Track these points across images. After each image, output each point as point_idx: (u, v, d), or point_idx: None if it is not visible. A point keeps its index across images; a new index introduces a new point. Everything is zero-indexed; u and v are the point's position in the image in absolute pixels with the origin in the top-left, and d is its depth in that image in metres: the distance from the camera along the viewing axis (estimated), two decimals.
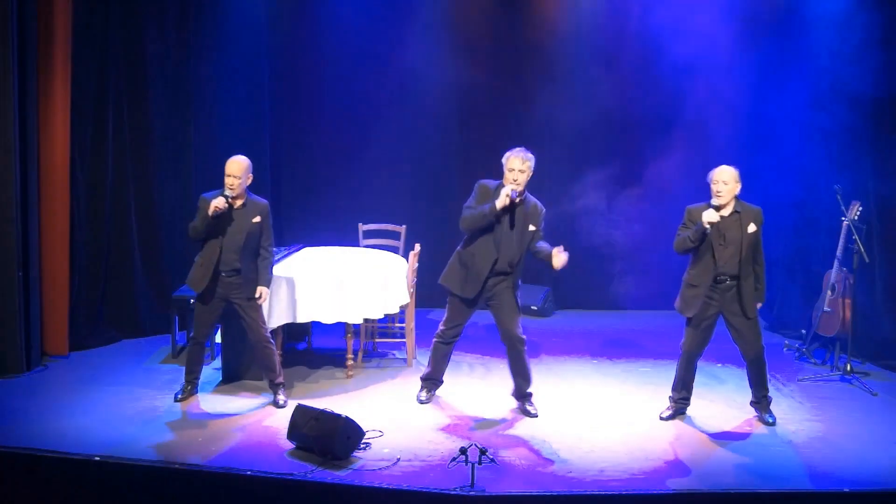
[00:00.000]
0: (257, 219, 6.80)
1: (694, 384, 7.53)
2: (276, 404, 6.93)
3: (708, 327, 6.62)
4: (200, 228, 6.72)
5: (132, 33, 8.38)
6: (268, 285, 6.92)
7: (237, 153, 6.79)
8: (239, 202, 6.76)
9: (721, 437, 6.53)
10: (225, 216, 6.70)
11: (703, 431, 6.62)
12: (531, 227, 6.66)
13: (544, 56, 9.33)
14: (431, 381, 7.09)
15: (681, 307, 6.65)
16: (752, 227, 6.46)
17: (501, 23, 9.34)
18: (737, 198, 6.47)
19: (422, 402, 7.00)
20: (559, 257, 6.49)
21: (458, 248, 6.82)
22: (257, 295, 6.85)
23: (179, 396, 6.98)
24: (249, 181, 6.79)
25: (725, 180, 6.40)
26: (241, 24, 8.90)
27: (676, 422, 6.77)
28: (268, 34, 9.12)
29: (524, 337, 6.79)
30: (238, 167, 6.69)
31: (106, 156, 8.30)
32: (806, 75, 8.54)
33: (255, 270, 6.85)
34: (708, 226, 6.34)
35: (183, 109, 8.74)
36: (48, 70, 7.61)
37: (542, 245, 6.68)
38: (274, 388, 7.01)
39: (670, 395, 6.88)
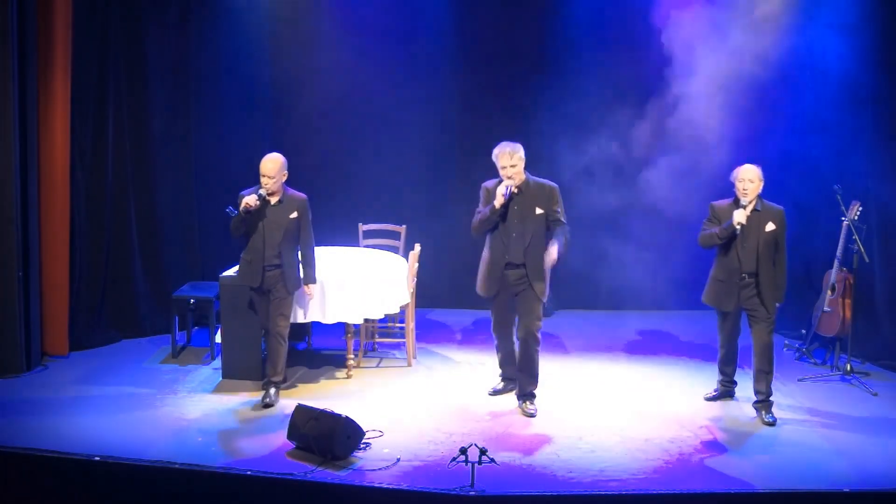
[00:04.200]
0: (294, 214, 6.85)
1: (693, 384, 7.55)
2: (263, 401, 6.89)
3: (737, 315, 6.82)
4: (238, 227, 6.78)
5: (132, 33, 8.38)
6: (313, 281, 6.99)
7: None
8: (275, 198, 6.81)
9: (721, 438, 6.52)
10: (261, 213, 6.76)
11: (702, 431, 6.60)
12: (538, 211, 6.65)
13: (545, 53, 9.29)
14: (508, 381, 7.16)
15: (713, 300, 6.82)
16: (770, 227, 6.59)
17: (501, 21, 9.32)
18: (759, 196, 6.61)
19: (491, 394, 7.14)
20: (548, 254, 6.53)
21: (482, 253, 6.88)
22: (306, 291, 6.96)
23: (267, 400, 6.90)
24: (285, 177, 6.83)
25: (751, 178, 6.57)
26: (241, 24, 8.90)
27: (676, 422, 6.76)
28: (268, 34, 9.12)
29: (539, 336, 6.79)
30: (272, 166, 6.74)
31: (106, 156, 8.30)
32: (808, 72, 8.53)
33: (295, 265, 6.91)
34: (738, 226, 6.48)
35: (183, 109, 8.75)
36: (48, 70, 7.61)
37: (555, 232, 6.65)
38: (268, 384, 6.99)
39: (718, 378, 7.08)
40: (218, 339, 7.69)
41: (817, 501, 5.71)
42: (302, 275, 7.00)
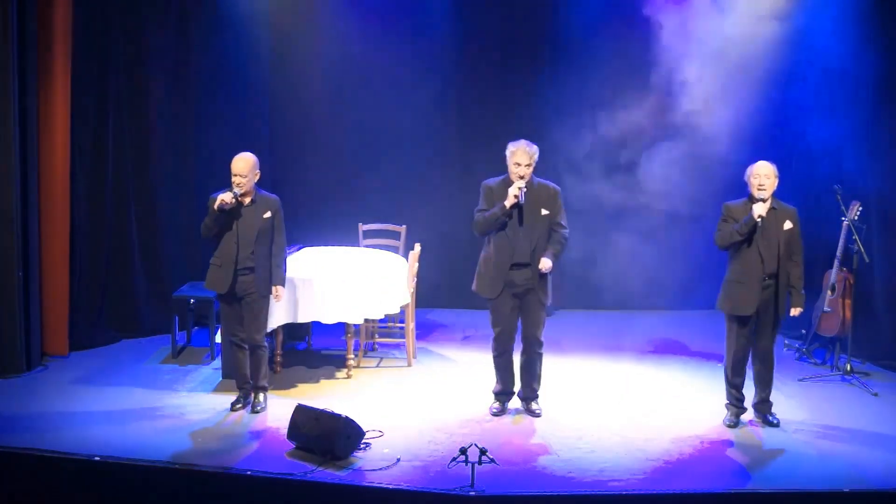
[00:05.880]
0: (267, 214, 6.75)
1: (693, 385, 7.55)
2: (253, 408, 6.85)
3: (754, 320, 6.56)
4: (210, 226, 6.66)
5: (132, 33, 8.38)
6: (283, 283, 6.86)
7: (238, 152, 6.76)
8: (247, 199, 6.70)
9: (721, 437, 6.53)
10: (234, 214, 6.65)
11: (703, 431, 6.61)
12: (544, 211, 6.60)
13: (543, 52, 9.28)
14: (504, 395, 6.96)
15: (731, 306, 6.54)
16: (787, 225, 6.48)
17: (498, 21, 9.31)
18: (772, 195, 6.46)
19: (494, 415, 6.85)
20: (542, 262, 6.53)
21: (482, 252, 6.78)
22: (273, 293, 6.81)
23: (236, 406, 6.86)
24: (257, 177, 6.72)
25: (767, 174, 6.42)
26: (241, 25, 8.89)
27: (676, 422, 6.76)
28: (268, 35, 9.11)
29: (542, 341, 6.76)
30: (244, 165, 6.63)
31: (106, 156, 8.30)
32: (809, 71, 8.53)
33: (268, 268, 6.77)
34: (759, 219, 6.32)
35: (183, 109, 8.74)
36: (48, 70, 7.61)
37: (552, 240, 6.63)
38: (256, 390, 6.91)
39: (727, 402, 6.74)
40: (218, 339, 7.68)
41: (817, 501, 5.71)
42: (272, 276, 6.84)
